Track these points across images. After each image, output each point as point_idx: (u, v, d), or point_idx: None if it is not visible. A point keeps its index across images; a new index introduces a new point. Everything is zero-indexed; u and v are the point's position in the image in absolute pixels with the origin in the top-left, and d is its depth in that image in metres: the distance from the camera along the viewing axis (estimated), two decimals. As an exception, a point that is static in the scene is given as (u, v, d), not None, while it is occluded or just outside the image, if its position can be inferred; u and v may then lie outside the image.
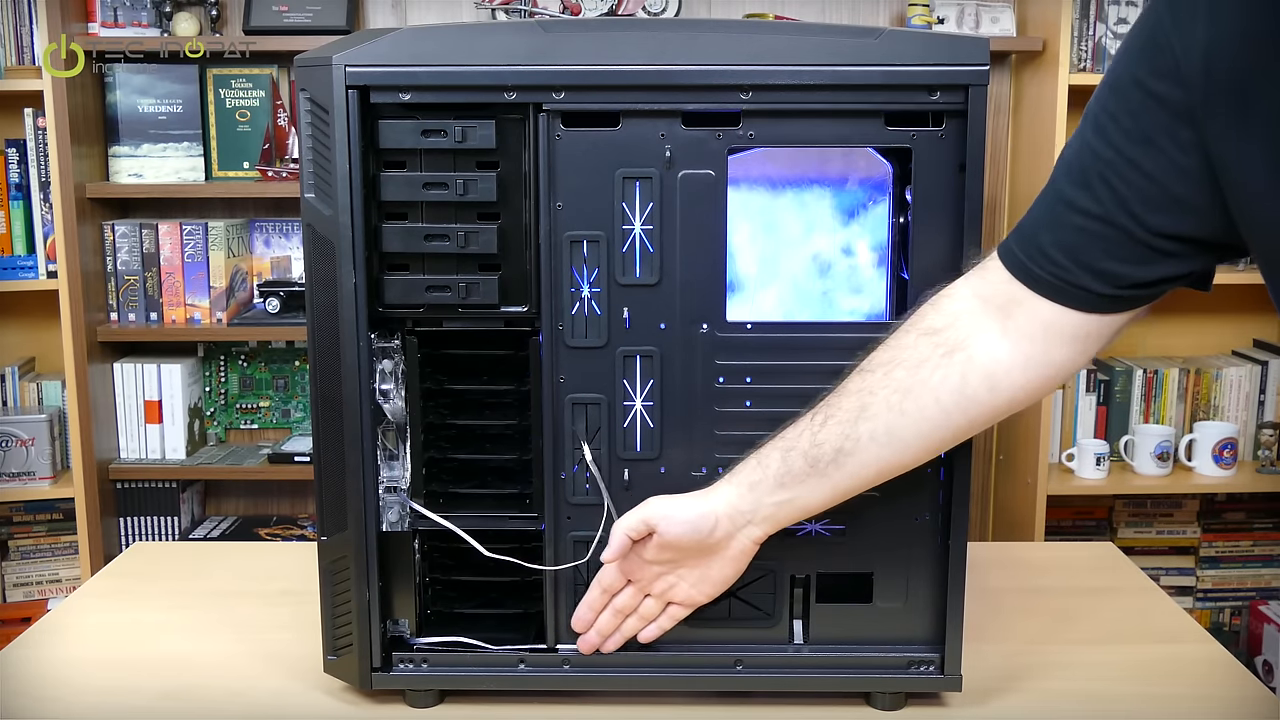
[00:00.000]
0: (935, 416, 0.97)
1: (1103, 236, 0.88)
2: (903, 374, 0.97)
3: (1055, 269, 0.91)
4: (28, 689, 1.13)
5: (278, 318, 2.70)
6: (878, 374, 0.98)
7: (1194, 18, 0.80)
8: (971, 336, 0.96)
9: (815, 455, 0.97)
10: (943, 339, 0.97)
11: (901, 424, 0.97)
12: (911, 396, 0.96)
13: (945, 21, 2.68)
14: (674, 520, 1.00)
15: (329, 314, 1.01)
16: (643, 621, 1.05)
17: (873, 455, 0.97)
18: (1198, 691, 1.12)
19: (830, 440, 0.97)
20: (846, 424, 0.97)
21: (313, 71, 0.99)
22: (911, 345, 0.97)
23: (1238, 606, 2.92)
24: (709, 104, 0.99)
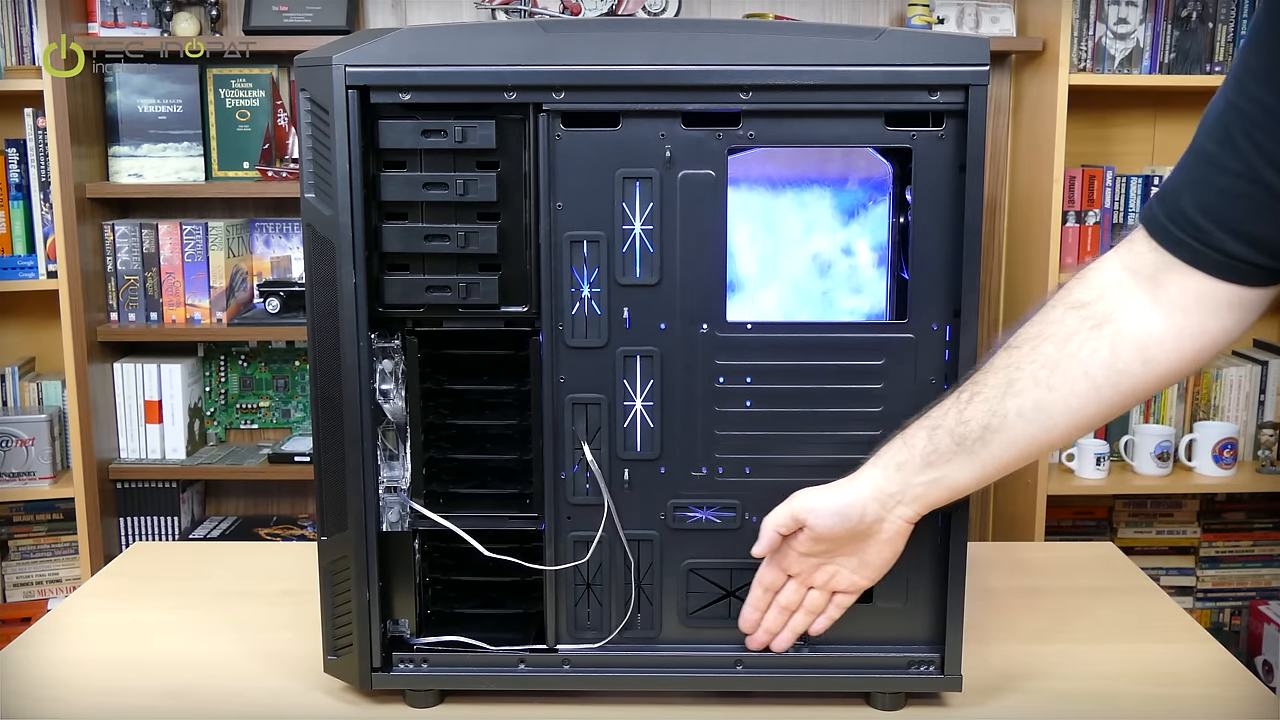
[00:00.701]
0: (1085, 391, 0.94)
1: (1247, 196, 0.86)
2: (1050, 348, 0.95)
3: (1198, 233, 0.89)
4: (28, 689, 1.13)
5: (278, 318, 2.70)
6: (1024, 349, 0.96)
7: None
8: (1121, 308, 0.94)
9: (962, 433, 0.96)
10: (1090, 312, 0.95)
11: (1049, 399, 0.95)
12: (1060, 371, 0.94)
13: (945, 21, 2.68)
14: (821, 512, 0.99)
15: (329, 314, 1.01)
16: (810, 615, 1.04)
17: (1020, 432, 0.95)
18: (1198, 691, 1.12)
19: (977, 417, 0.95)
20: (993, 400, 0.95)
21: (313, 71, 0.99)
22: (1058, 320, 0.96)
23: (1238, 606, 2.92)
24: (709, 104, 0.99)
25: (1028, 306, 2.90)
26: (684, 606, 1.07)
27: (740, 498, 1.05)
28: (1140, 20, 2.65)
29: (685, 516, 1.05)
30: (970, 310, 1.00)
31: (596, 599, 1.07)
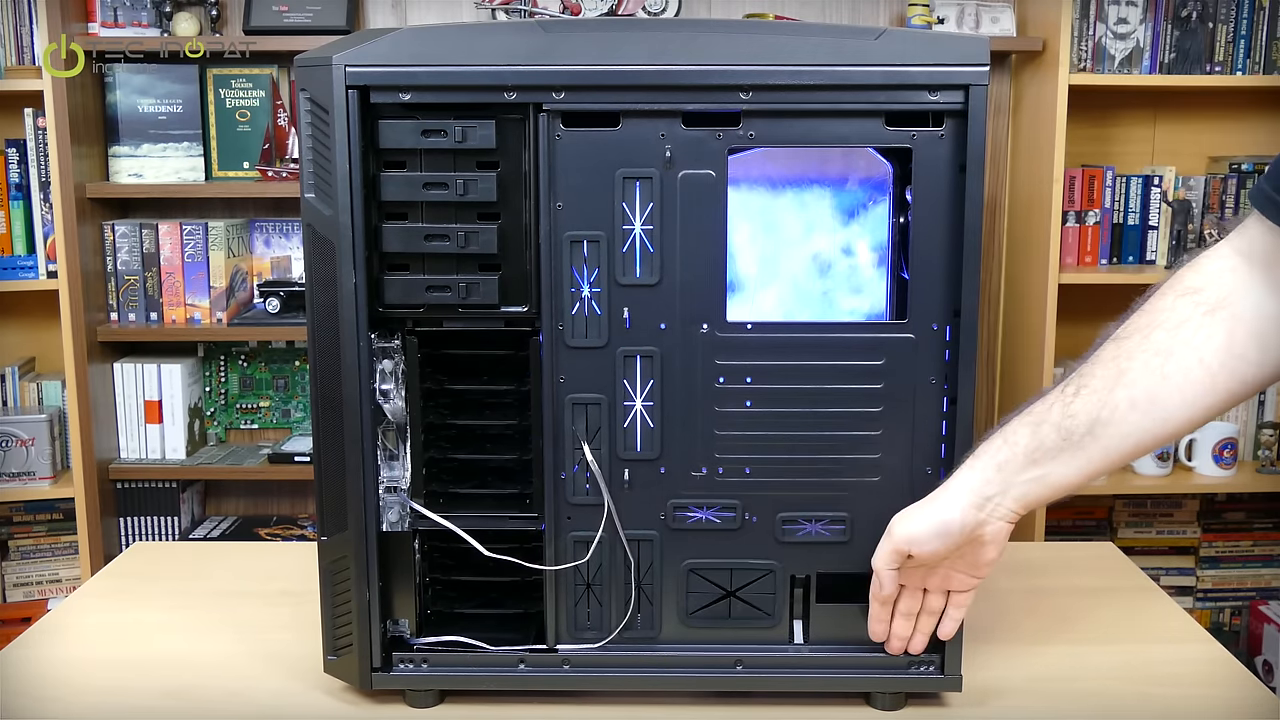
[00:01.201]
0: (1201, 379, 0.91)
1: None
2: (1162, 336, 0.92)
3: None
4: (28, 689, 1.13)
5: (278, 318, 2.70)
6: (1134, 339, 0.93)
7: None
8: (1235, 293, 0.92)
9: (1069, 427, 0.93)
10: (1204, 297, 0.92)
11: (1164, 389, 0.92)
12: (1174, 359, 0.91)
13: (945, 21, 2.68)
14: (921, 539, 0.97)
15: (329, 314, 1.01)
16: (932, 616, 1.03)
17: (1132, 424, 0.93)
18: (1198, 691, 1.12)
19: (1085, 410, 0.93)
20: (1102, 391, 0.92)
21: (313, 71, 0.99)
22: (1170, 307, 0.93)
23: (1238, 606, 2.92)
24: (709, 104, 0.99)
25: (1028, 306, 2.90)
26: (684, 606, 1.07)
27: (740, 498, 1.05)
28: (1140, 20, 2.65)
29: (685, 516, 1.05)
30: (970, 310, 1.00)
31: (596, 599, 1.07)
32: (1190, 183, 2.76)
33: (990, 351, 2.91)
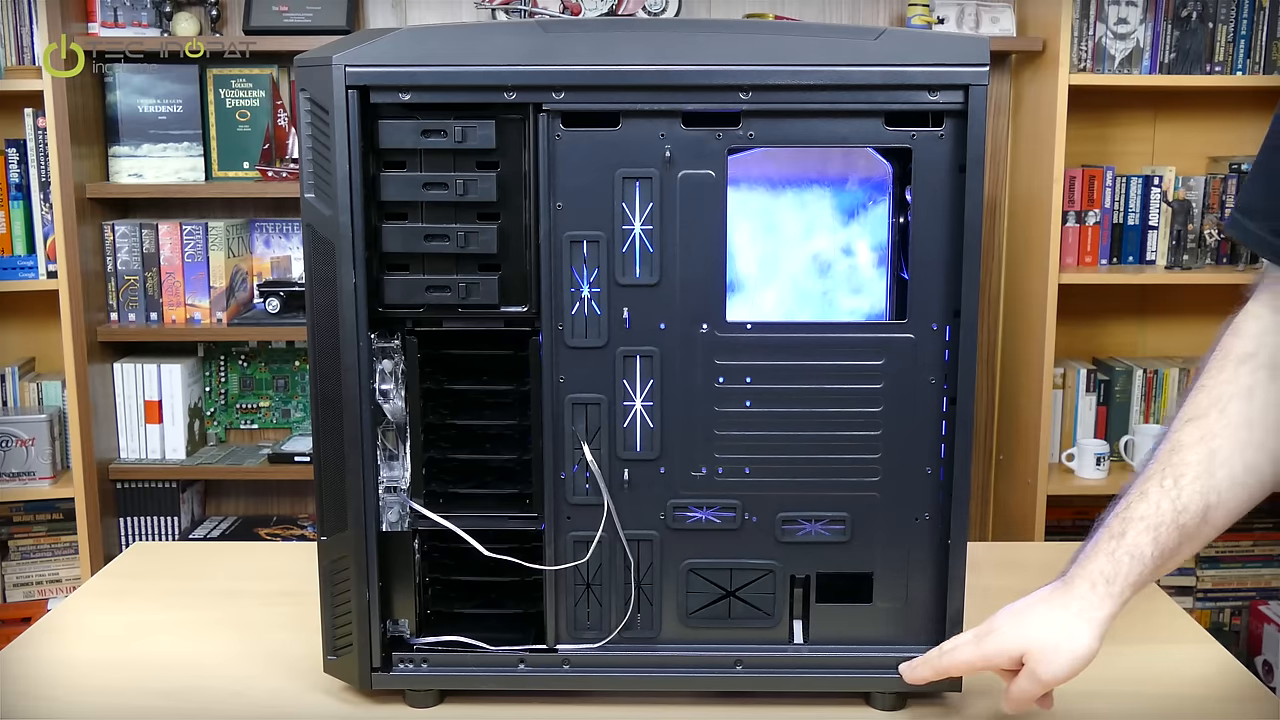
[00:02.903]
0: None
1: None
2: (1238, 407, 0.94)
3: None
4: (28, 689, 1.13)
5: (278, 318, 2.70)
6: (1211, 416, 0.94)
7: None
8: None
9: (1184, 523, 0.93)
10: (1261, 361, 0.94)
11: (1257, 459, 0.93)
12: (1258, 427, 0.93)
13: (945, 21, 2.68)
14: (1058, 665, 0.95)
15: (329, 314, 1.01)
16: None
17: (1236, 499, 0.94)
18: (1198, 691, 1.12)
19: (1194, 501, 0.93)
20: (1203, 477, 0.93)
21: (313, 71, 0.99)
22: (1233, 378, 0.95)
23: (1238, 606, 2.92)
24: (709, 104, 0.99)
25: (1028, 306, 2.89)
26: (684, 606, 1.07)
27: (740, 498, 1.05)
28: (1140, 20, 2.65)
29: (685, 516, 1.05)
30: (970, 310, 1.00)
31: (596, 599, 1.07)
32: (1190, 183, 2.76)
33: (990, 351, 2.92)
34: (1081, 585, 0.95)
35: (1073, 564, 0.98)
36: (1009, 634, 0.96)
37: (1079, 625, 0.94)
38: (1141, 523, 0.94)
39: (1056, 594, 0.97)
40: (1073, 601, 0.95)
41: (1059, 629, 0.95)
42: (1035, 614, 0.97)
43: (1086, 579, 0.95)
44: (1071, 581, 0.96)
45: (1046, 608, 0.96)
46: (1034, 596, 0.98)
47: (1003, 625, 0.97)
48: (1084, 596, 0.95)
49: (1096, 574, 0.95)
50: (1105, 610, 0.95)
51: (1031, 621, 0.96)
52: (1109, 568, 0.94)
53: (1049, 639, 0.95)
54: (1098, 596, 0.95)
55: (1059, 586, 0.97)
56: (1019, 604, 0.99)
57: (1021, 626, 0.96)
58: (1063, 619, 0.95)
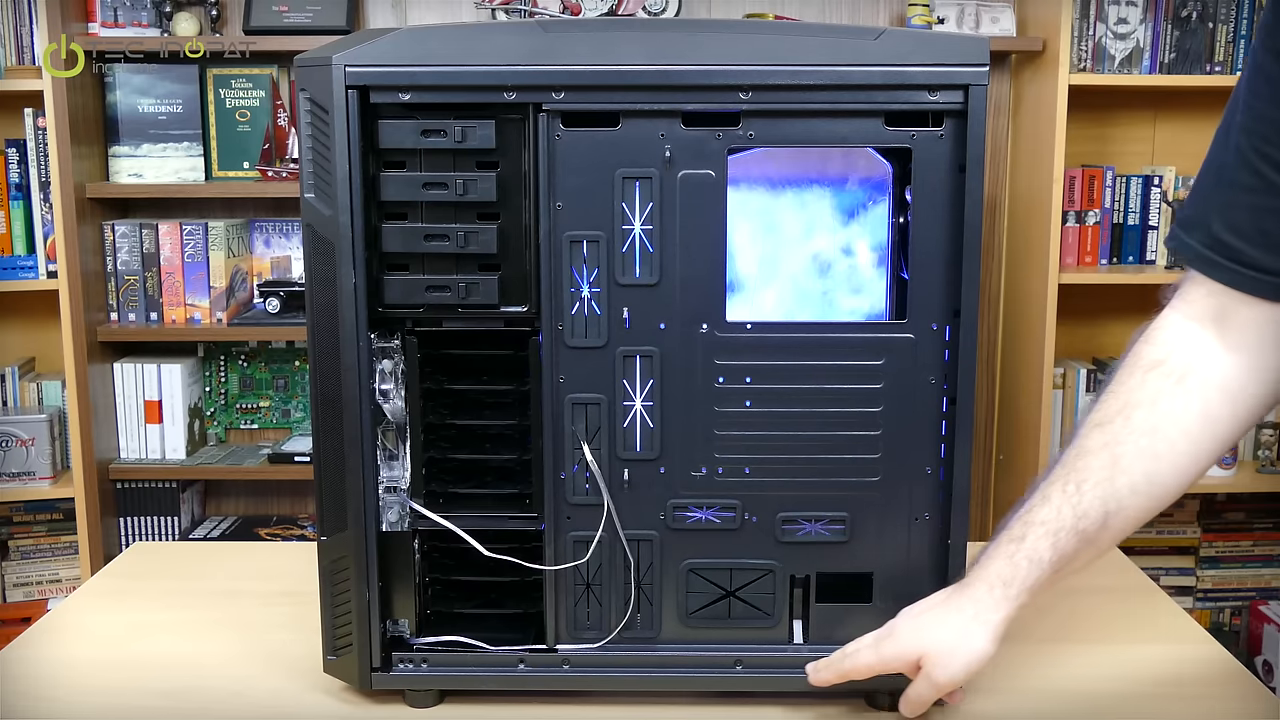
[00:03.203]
0: (1186, 449, 0.94)
1: (1273, 211, 0.88)
2: (1143, 415, 0.94)
3: (1234, 255, 0.91)
4: (28, 689, 1.13)
5: (278, 318, 2.70)
6: (1116, 423, 0.94)
7: None
8: (1196, 359, 0.94)
9: (1084, 528, 0.93)
10: (1169, 368, 0.95)
11: (1157, 468, 0.94)
12: (1160, 435, 0.93)
13: (945, 21, 2.68)
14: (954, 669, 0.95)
15: (329, 314, 1.01)
16: None
17: (1134, 507, 0.94)
18: (1198, 691, 1.12)
19: (1094, 507, 0.93)
20: (1104, 484, 0.93)
21: (313, 71, 0.99)
22: (1141, 385, 0.95)
23: (1238, 606, 2.92)
24: (709, 104, 0.99)
25: (1028, 306, 2.89)
26: (684, 606, 1.07)
27: (740, 498, 1.05)
28: (1140, 20, 2.65)
29: (685, 516, 1.05)
30: (970, 310, 1.00)
31: (596, 599, 1.07)
32: (1190, 183, 2.76)
33: (990, 351, 2.92)
34: (979, 588, 0.95)
35: (974, 565, 0.98)
36: (906, 638, 0.97)
37: (974, 628, 0.95)
38: (1042, 527, 0.94)
39: (954, 596, 0.97)
40: (969, 604, 0.96)
41: (954, 632, 0.95)
42: (932, 617, 0.97)
43: (984, 582, 0.95)
44: (970, 584, 0.97)
45: (944, 610, 0.97)
46: (934, 598, 0.99)
47: (901, 629, 0.98)
48: (980, 599, 0.95)
49: (994, 577, 0.95)
50: (1001, 613, 0.95)
51: (928, 624, 0.97)
52: (1007, 571, 0.95)
53: (944, 642, 0.95)
54: (994, 599, 0.95)
55: (958, 589, 0.97)
56: (918, 606, 0.99)
57: (918, 630, 0.97)
58: (959, 622, 0.95)
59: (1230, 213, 0.91)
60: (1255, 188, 0.89)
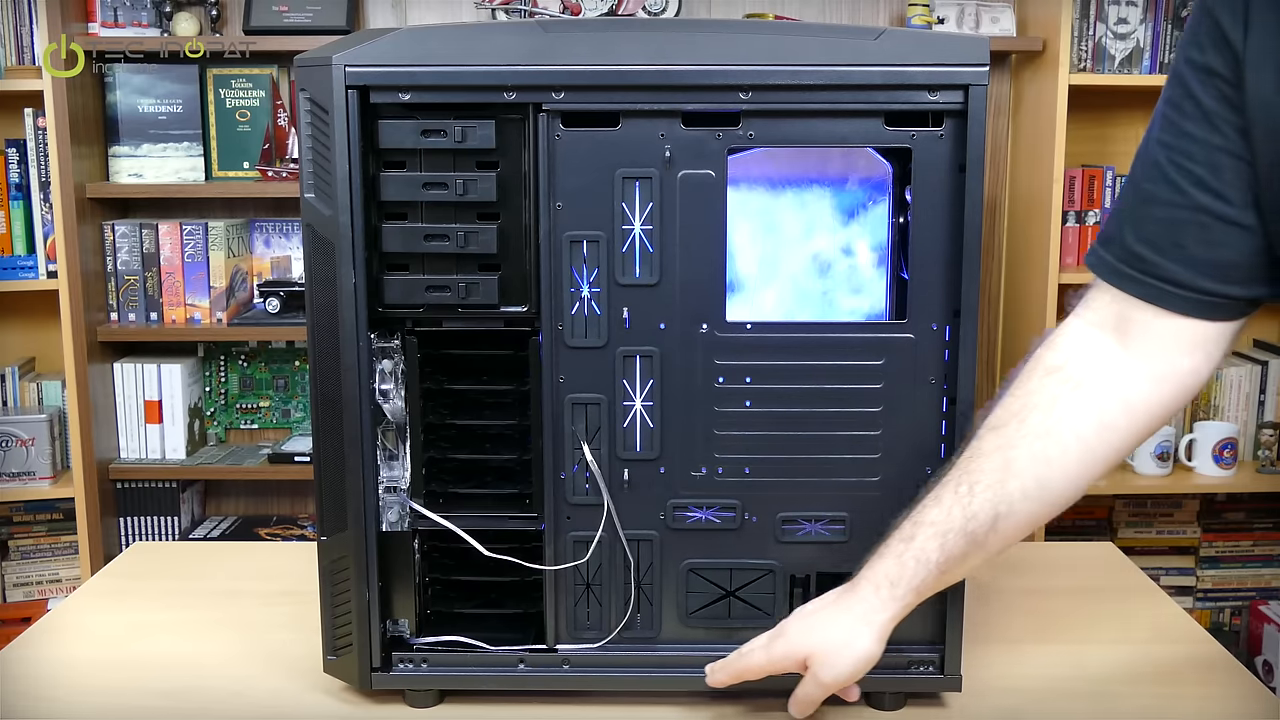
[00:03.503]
0: (1079, 455, 0.94)
1: (1188, 223, 0.89)
2: (1038, 418, 0.94)
3: (1151, 268, 0.91)
4: (28, 689, 1.13)
5: (278, 318, 2.70)
6: (1011, 426, 0.95)
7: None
8: (1095, 364, 0.95)
9: (973, 530, 0.93)
10: (1067, 374, 0.95)
11: (1049, 473, 0.94)
12: (1053, 439, 0.94)
13: (945, 21, 2.67)
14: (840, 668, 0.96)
15: (329, 314, 1.01)
16: None
17: (1024, 511, 0.94)
18: (1198, 691, 1.12)
19: (984, 509, 0.93)
20: (995, 487, 0.93)
21: (313, 71, 0.99)
22: (1038, 389, 0.95)
23: (1238, 606, 2.92)
24: (709, 104, 0.99)
25: (1028, 306, 2.89)
26: (683, 606, 1.07)
27: (740, 498, 1.05)
28: (1140, 20, 2.65)
29: (685, 516, 1.05)
30: (970, 310, 1.00)
31: (596, 599, 1.07)
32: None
33: (990, 351, 2.92)
34: (866, 588, 0.96)
35: (865, 564, 0.98)
36: (795, 638, 0.98)
37: (860, 628, 0.95)
38: (931, 528, 0.94)
39: (844, 596, 0.98)
40: (856, 604, 0.96)
41: (841, 632, 0.96)
42: (821, 617, 0.98)
43: (872, 581, 0.96)
44: (857, 584, 0.97)
45: (832, 611, 0.98)
46: (826, 598, 0.99)
47: (791, 629, 0.99)
48: (867, 599, 0.96)
49: (882, 577, 0.95)
50: (887, 613, 0.95)
51: (816, 625, 0.97)
52: (895, 570, 0.95)
53: (830, 643, 0.96)
54: (880, 600, 0.95)
55: (848, 588, 0.98)
56: (810, 605, 1.00)
57: (806, 630, 0.98)
58: (846, 622, 0.96)
59: (1146, 226, 0.92)
60: (1172, 202, 0.90)
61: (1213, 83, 0.88)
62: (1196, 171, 0.89)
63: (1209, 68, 0.88)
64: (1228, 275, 0.90)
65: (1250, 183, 0.88)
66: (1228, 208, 0.88)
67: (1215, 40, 0.88)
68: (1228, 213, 0.88)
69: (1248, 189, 0.88)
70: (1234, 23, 0.86)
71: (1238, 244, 0.89)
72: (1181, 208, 0.90)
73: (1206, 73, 0.88)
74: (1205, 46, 0.88)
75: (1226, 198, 0.88)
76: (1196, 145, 0.89)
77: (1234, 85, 0.87)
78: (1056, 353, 0.97)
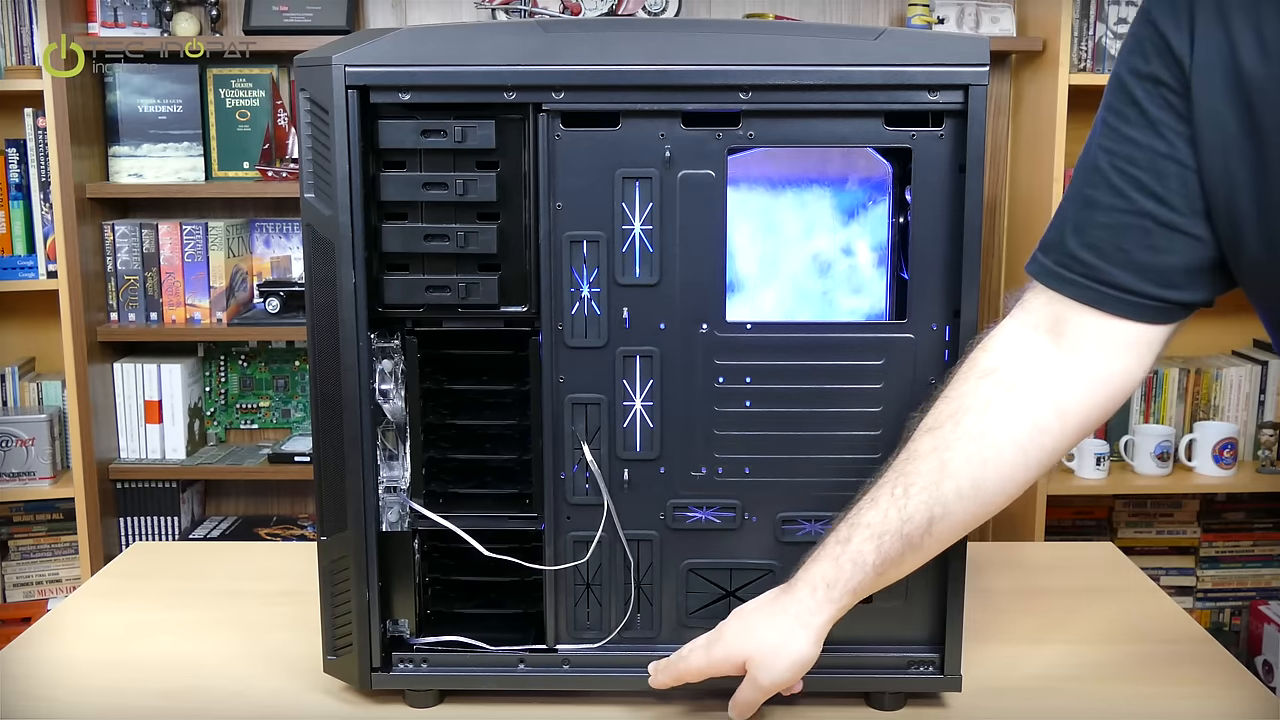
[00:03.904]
0: (1013, 457, 0.94)
1: (1130, 227, 0.90)
2: (972, 420, 0.94)
3: (1090, 271, 0.92)
4: (28, 689, 1.13)
5: (278, 318, 2.70)
6: (946, 428, 0.95)
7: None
8: (1028, 367, 0.95)
9: (908, 532, 0.94)
10: (1001, 376, 0.95)
11: (983, 474, 0.94)
12: (987, 441, 0.94)
13: (945, 21, 2.67)
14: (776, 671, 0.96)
15: (329, 314, 1.01)
16: None
17: (960, 512, 0.95)
18: (1198, 691, 1.12)
19: (919, 511, 0.94)
20: (930, 489, 0.94)
21: (313, 71, 0.99)
22: (973, 391, 0.96)
23: (1238, 606, 2.92)
24: (709, 104, 0.99)
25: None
26: (683, 606, 1.07)
27: (740, 498, 1.05)
28: (1140, 20, 2.64)
29: (685, 516, 1.05)
30: (970, 310, 1.00)
31: (596, 599, 1.07)
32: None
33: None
34: (803, 590, 0.96)
35: (802, 565, 0.98)
36: (732, 641, 0.98)
37: (796, 630, 0.96)
38: (867, 530, 0.94)
39: (781, 597, 0.98)
40: (792, 605, 0.96)
41: (778, 634, 0.96)
42: (758, 619, 0.98)
43: (808, 583, 0.96)
44: (794, 585, 0.97)
45: (769, 613, 0.98)
46: (764, 598, 1.00)
47: (729, 631, 0.99)
48: (803, 601, 0.96)
49: (818, 578, 0.96)
50: (824, 615, 0.96)
51: (752, 627, 0.98)
52: (831, 572, 0.95)
53: (767, 645, 0.96)
54: (816, 601, 0.95)
55: (785, 589, 0.98)
56: (749, 605, 1.00)
57: (744, 633, 0.98)
58: (782, 624, 0.96)
59: (1088, 231, 0.93)
60: (1115, 207, 0.91)
61: (1159, 92, 0.89)
62: (1140, 177, 0.89)
63: (1154, 77, 0.89)
64: (1169, 280, 0.91)
65: (1197, 192, 0.88)
66: (1171, 214, 0.89)
67: (1160, 50, 0.89)
68: (1171, 219, 0.89)
69: (1195, 198, 0.89)
70: (1179, 34, 0.87)
71: (1180, 249, 0.90)
72: (1125, 212, 0.90)
73: (1152, 82, 0.89)
74: (1150, 56, 0.89)
75: (1170, 204, 0.89)
76: (1140, 151, 0.89)
77: (1180, 95, 0.88)
78: (991, 355, 0.97)
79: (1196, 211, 0.89)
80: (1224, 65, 0.85)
